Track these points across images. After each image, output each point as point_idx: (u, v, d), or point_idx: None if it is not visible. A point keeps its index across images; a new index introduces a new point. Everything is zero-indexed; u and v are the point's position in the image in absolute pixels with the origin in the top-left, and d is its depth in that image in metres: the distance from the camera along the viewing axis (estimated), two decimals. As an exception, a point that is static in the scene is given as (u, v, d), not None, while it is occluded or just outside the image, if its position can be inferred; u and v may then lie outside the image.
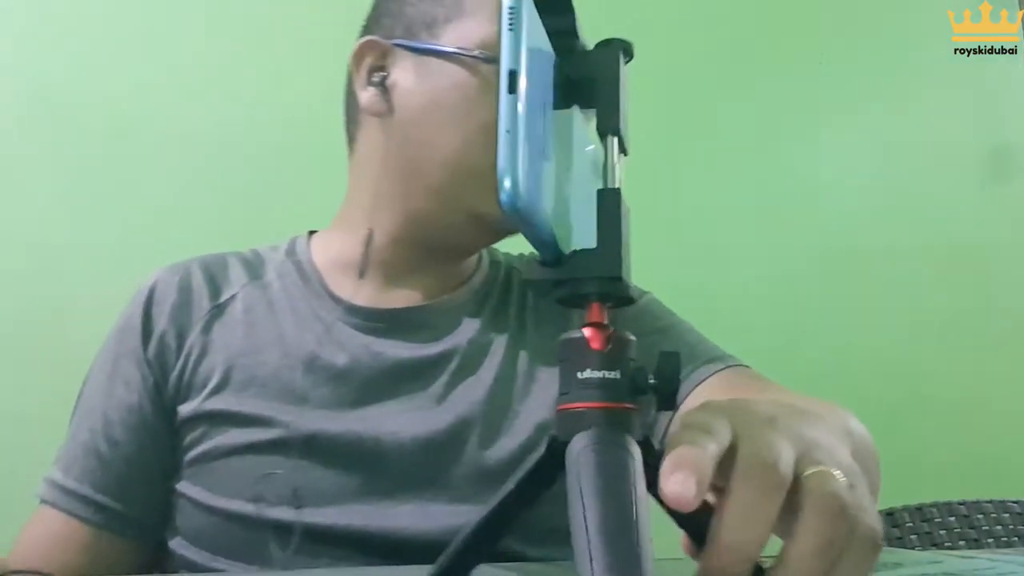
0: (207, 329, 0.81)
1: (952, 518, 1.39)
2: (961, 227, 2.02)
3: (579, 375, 0.32)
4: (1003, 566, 0.62)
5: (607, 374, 0.32)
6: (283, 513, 0.73)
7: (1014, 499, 1.43)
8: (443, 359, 0.81)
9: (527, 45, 0.31)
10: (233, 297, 0.84)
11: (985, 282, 2.01)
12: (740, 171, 1.92)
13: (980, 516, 1.40)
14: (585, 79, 0.34)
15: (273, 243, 0.91)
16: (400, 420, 0.77)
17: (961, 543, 1.38)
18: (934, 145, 2.04)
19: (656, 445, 0.35)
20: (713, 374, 0.80)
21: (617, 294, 0.33)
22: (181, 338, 0.81)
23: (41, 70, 1.52)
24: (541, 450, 0.35)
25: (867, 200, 1.99)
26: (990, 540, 1.39)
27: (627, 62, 0.36)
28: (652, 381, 0.32)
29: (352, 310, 0.82)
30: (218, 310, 0.83)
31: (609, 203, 0.32)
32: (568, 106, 0.35)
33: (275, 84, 1.62)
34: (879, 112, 2.03)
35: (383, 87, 0.82)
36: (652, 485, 0.34)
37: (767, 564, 0.34)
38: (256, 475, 0.74)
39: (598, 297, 0.33)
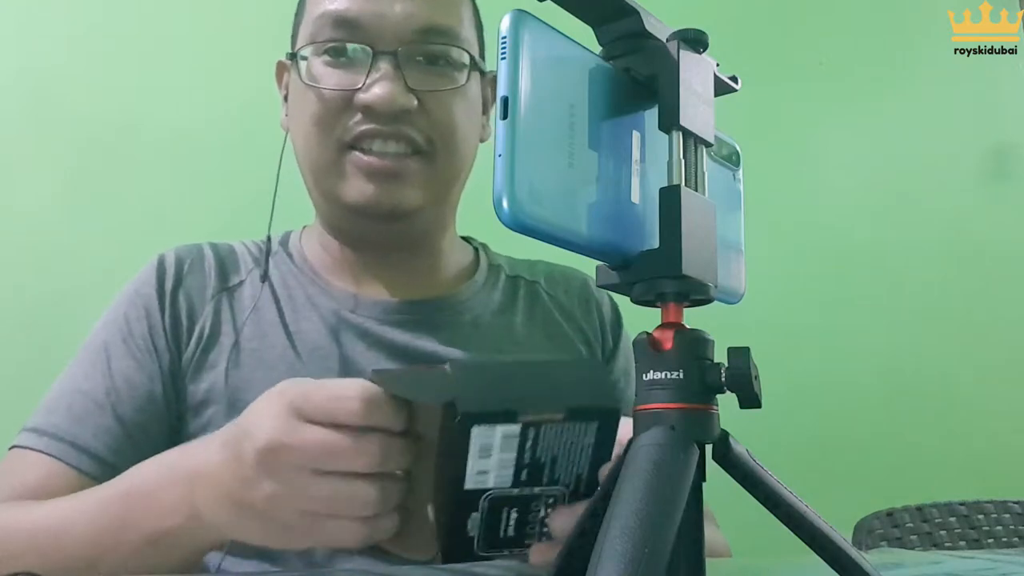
0: (217, 311, 0.83)
1: (953, 518, 1.39)
2: (961, 227, 2.03)
3: (644, 376, 0.32)
4: (1004, 567, 0.61)
5: (668, 375, 0.32)
6: None
7: (1015, 499, 1.43)
8: (435, 351, 0.83)
9: (531, 70, 0.31)
10: (241, 283, 0.85)
11: (985, 282, 2.02)
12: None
13: (981, 516, 1.40)
14: (648, 77, 0.34)
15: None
16: None
17: (962, 543, 1.38)
18: (934, 145, 2.05)
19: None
20: None
21: (690, 293, 0.33)
22: (192, 317, 0.82)
23: (41, 70, 1.51)
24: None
25: (867, 200, 1.99)
26: (991, 540, 1.39)
27: (699, 52, 0.35)
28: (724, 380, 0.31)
29: (348, 299, 0.85)
30: (228, 293, 0.84)
31: (670, 201, 0.32)
32: (635, 110, 0.34)
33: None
34: (879, 112, 2.04)
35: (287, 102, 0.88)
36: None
37: None
38: None
39: (672, 297, 0.32)
